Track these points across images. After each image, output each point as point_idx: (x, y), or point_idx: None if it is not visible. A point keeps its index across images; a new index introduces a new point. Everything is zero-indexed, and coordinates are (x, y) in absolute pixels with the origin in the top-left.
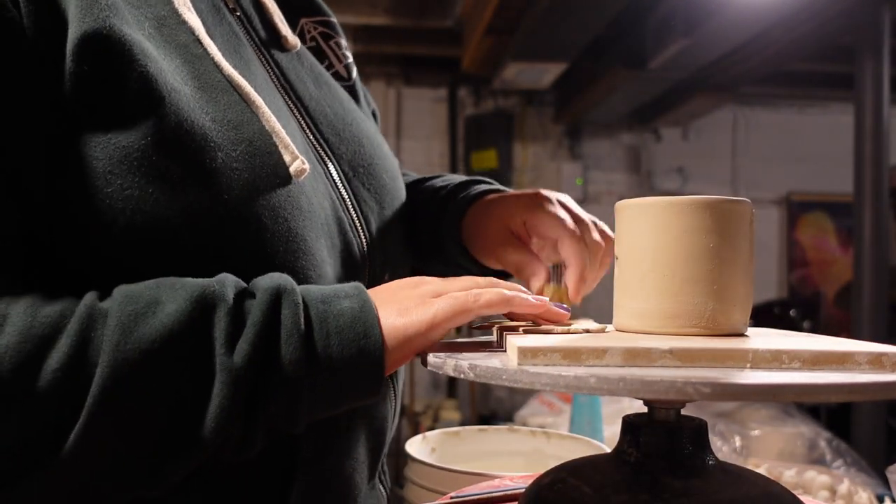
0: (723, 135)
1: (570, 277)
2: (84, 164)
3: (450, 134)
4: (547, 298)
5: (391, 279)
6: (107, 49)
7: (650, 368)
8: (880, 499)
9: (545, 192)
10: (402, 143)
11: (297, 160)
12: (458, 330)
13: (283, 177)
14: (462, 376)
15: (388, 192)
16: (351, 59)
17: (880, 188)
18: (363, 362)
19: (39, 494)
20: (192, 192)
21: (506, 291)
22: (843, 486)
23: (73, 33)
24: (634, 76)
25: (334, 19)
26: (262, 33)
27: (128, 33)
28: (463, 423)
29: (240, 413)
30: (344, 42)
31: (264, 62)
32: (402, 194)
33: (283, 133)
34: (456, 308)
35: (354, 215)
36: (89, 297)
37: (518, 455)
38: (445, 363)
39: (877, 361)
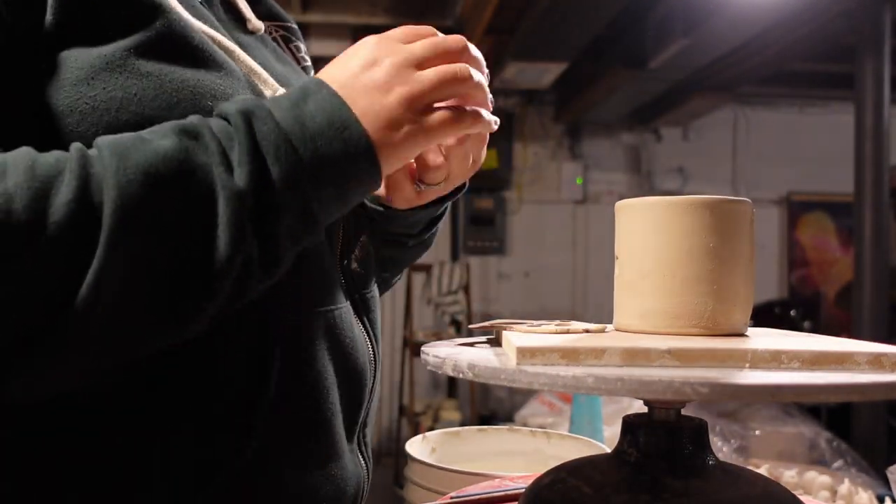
0: (723, 135)
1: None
2: (66, 74)
3: None
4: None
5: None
6: None
7: (649, 368)
8: (880, 499)
9: None
10: None
11: (279, 90)
12: (458, 330)
13: None
14: (461, 376)
15: None
16: (309, 63)
17: (880, 188)
18: (353, 149)
19: (67, 349)
20: (175, 94)
21: (456, 113)
22: (844, 487)
23: None
24: (634, 76)
25: (295, 25)
26: (226, 16)
27: None
28: (463, 424)
29: (251, 230)
30: (303, 47)
31: (233, 39)
32: None
33: (261, 70)
34: (447, 130)
35: None
36: (76, 145)
37: (518, 455)
38: (445, 363)
39: (876, 362)
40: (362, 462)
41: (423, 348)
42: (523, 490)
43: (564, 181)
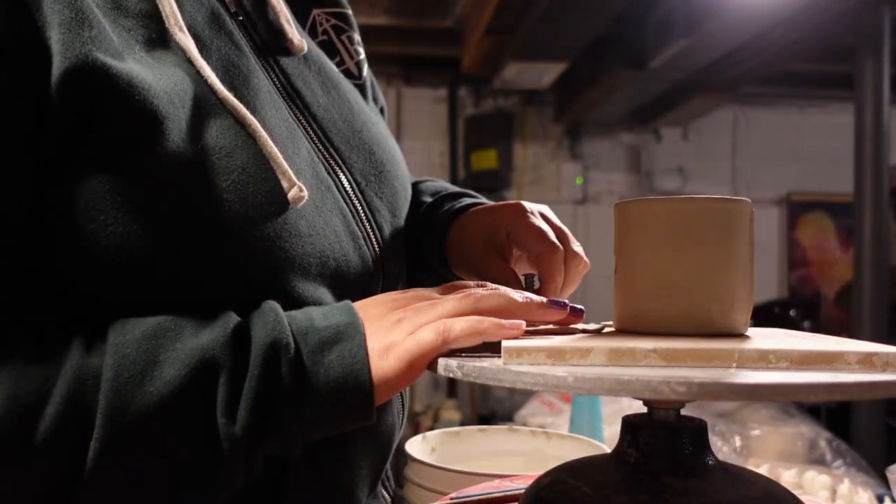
0: (723, 135)
1: (546, 291)
2: (66, 200)
3: (450, 134)
4: (523, 323)
5: (404, 287)
6: (90, 85)
7: (634, 368)
8: (880, 499)
9: (527, 203)
10: (402, 144)
11: (295, 187)
12: None
13: (279, 204)
14: (451, 375)
15: (398, 199)
16: (363, 56)
17: (880, 188)
18: (353, 406)
19: None
20: (180, 227)
21: (477, 324)
22: (843, 487)
23: (56, 68)
24: (634, 76)
25: (349, 11)
26: (266, 37)
27: (112, 66)
28: (463, 423)
29: (242, 469)
30: (357, 37)
31: (268, 70)
32: (409, 194)
33: (279, 158)
34: (426, 350)
35: (367, 226)
36: (76, 356)
37: (518, 455)
38: (437, 362)
39: (867, 361)
40: (387, 498)
41: None
42: (523, 490)
43: (564, 181)
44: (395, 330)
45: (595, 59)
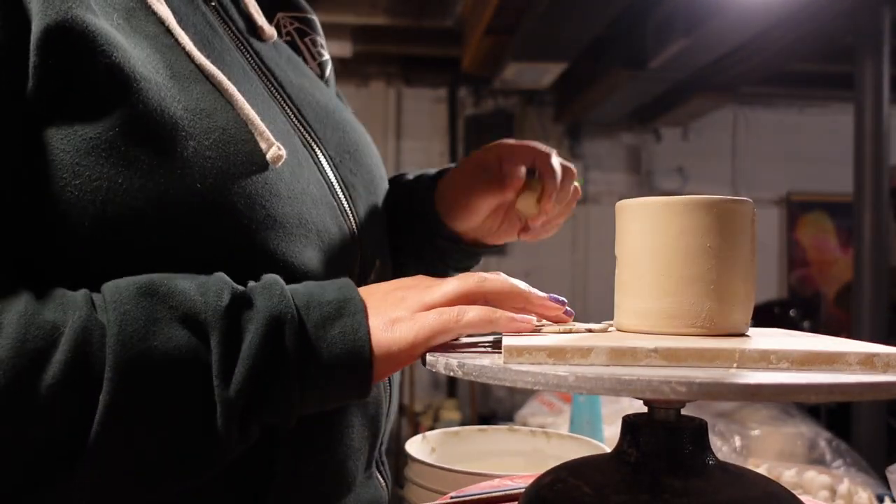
0: (723, 135)
1: (548, 188)
2: (51, 157)
3: (450, 134)
4: (534, 319)
5: (381, 265)
6: (71, 41)
7: (635, 367)
8: (880, 499)
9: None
10: (402, 143)
11: (273, 146)
12: None
13: (259, 164)
14: (452, 373)
15: (373, 180)
16: (326, 58)
17: (880, 188)
18: (352, 382)
19: (84, 492)
20: (164, 180)
21: (489, 313)
22: (843, 486)
23: (36, 27)
24: (634, 76)
25: (313, 16)
26: (240, 23)
27: (92, 22)
28: (463, 423)
29: (235, 433)
30: (321, 40)
31: (242, 50)
32: (385, 183)
33: (257, 120)
34: (436, 329)
35: (344, 200)
36: (84, 307)
37: (518, 455)
38: (438, 361)
39: (868, 362)
40: (381, 482)
41: None
42: (523, 490)
43: None
44: (400, 306)
45: (595, 59)
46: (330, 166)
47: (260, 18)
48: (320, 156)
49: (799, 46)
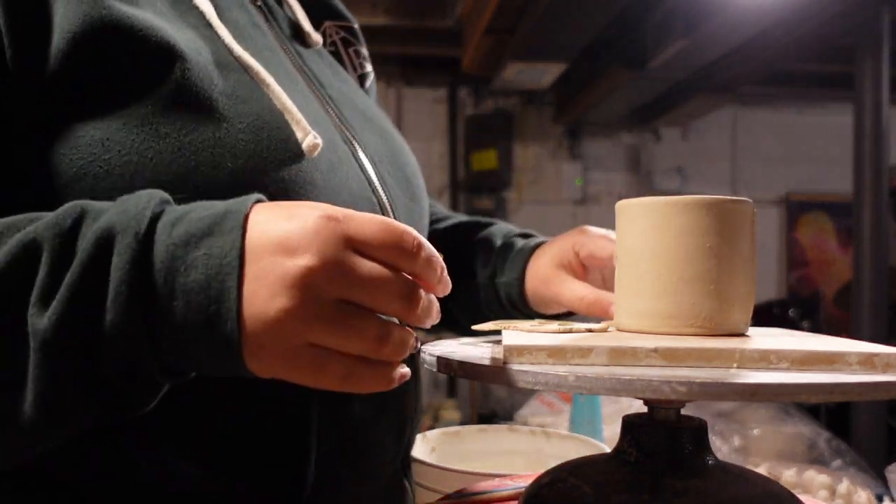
0: (723, 135)
1: None
2: (80, 133)
3: (450, 134)
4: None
5: None
6: (107, 33)
7: (635, 367)
8: (880, 498)
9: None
10: None
11: (310, 135)
12: None
13: (294, 152)
14: (452, 373)
15: (412, 187)
16: (369, 69)
17: (880, 188)
18: (214, 333)
19: None
20: (193, 157)
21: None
22: (843, 486)
23: (68, 21)
24: (634, 76)
25: (357, 26)
26: (285, 27)
27: (129, 14)
28: (463, 423)
29: (67, 376)
30: (364, 51)
31: (286, 50)
32: (426, 195)
33: (294, 109)
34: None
35: (385, 198)
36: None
37: (518, 455)
38: (437, 361)
39: (868, 362)
40: (407, 486)
41: (422, 347)
42: (523, 490)
43: (564, 181)
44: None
45: (595, 59)
46: (371, 165)
47: (307, 24)
48: (361, 154)
49: (799, 46)
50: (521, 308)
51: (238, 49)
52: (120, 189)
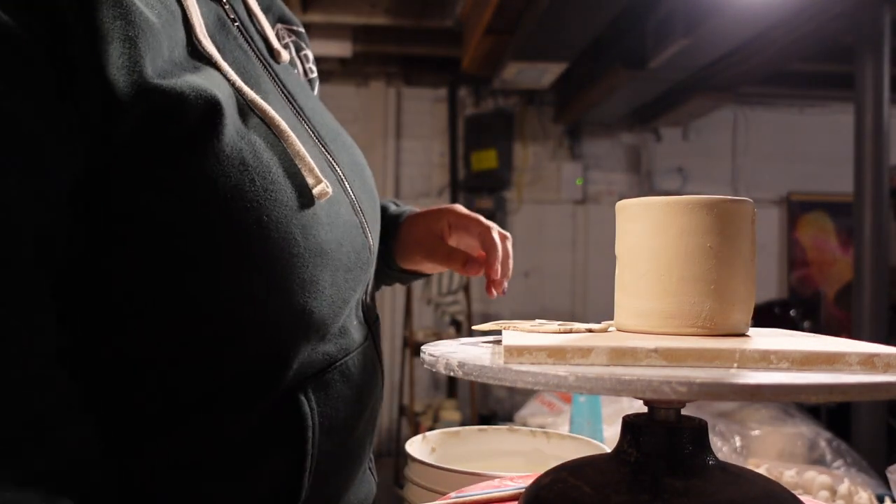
0: (723, 135)
1: (495, 263)
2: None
3: (450, 134)
4: None
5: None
6: (155, 104)
7: (635, 367)
8: (880, 499)
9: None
10: (402, 143)
11: (321, 184)
12: (459, 331)
13: (307, 197)
14: (452, 373)
15: (371, 189)
16: (315, 74)
17: (880, 188)
18: None
19: None
20: (239, 213)
21: None
22: (843, 486)
23: (123, 77)
24: (634, 76)
25: (302, 28)
26: (260, 44)
27: (173, 84)
28: (463, 423)
29: None
30: (311, 55)
31: (269, 75)
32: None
33: (307, 158)
34: None
35: (363, 216)
36: None
37: (518, 455)
38: (438, 361)
39: (868, 362)
40: (372, 477)
41: (422, 347)
42: (523, 490)
43: (564, 181)
44: None
45: (595, 59)
46: (347, 185)
47: (275, 41)
48: (340, 173)
49: (799, 46)
50: (388, 261)
51: (251, 94)
52: (160, 252)
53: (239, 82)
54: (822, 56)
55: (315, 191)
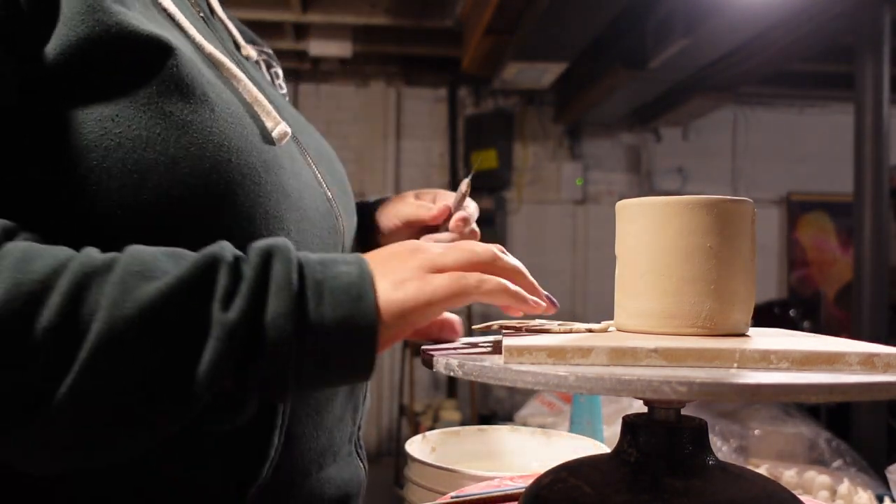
0: (723, 135)
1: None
2: (90, 109)
3: (450, 134)
4: (543, 304)
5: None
6: (105, 27)
7: (635, 367)
8: (880, 499)
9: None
10: (402, 143)
11: (281, 124)
12: None
13: (268, 138)
14: (452, 373)
15: (343, 184)
16: (285, 91)
17: (880, 188)
18: (356, 327)
19: (32, 446)
20: (196, 135)
21: (510, 285)
22: (843, 486)
23: (74, 11)
24: (634, 76)
25: (271, 51)
26: (224, 36)
27: (125, 13)
28: (463, 423)
29: (231, 368)
30: (281, 73)
31: (234, 59)
32: (351, 189)
33: (264, 100)
34: (455, 290)
35: (330, 193)
36: (86, 253)
37: (518, 455)
38: (438, 361)
39: (868, 362)
40: (360, 464)
41: (422, 347)
42: (523, 490)
43: (564, 181)
44: (405, 266)
45: (595, 59)
46: (314, 163)
47: (239, 37)
48: (308, 157)
49: (799, 46)
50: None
51: (209, 47)
52: (133, 161)
53: (199, 37)
54: (822, 56)
55: (274, 133)
